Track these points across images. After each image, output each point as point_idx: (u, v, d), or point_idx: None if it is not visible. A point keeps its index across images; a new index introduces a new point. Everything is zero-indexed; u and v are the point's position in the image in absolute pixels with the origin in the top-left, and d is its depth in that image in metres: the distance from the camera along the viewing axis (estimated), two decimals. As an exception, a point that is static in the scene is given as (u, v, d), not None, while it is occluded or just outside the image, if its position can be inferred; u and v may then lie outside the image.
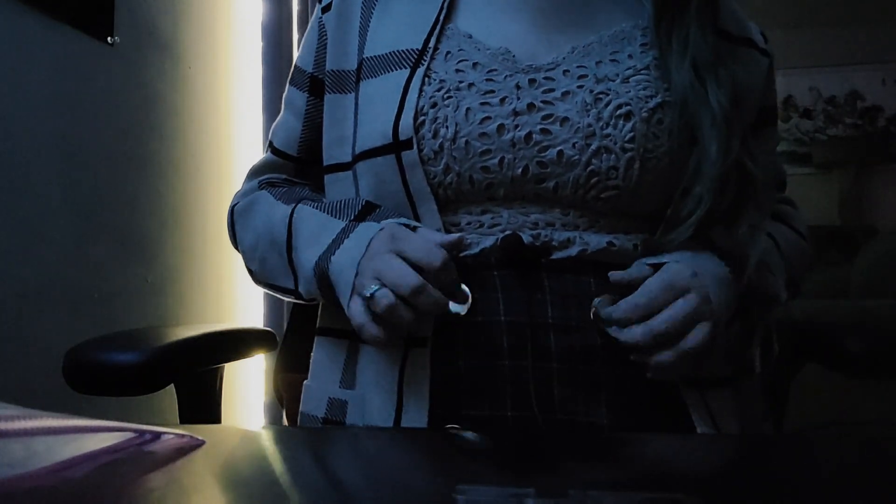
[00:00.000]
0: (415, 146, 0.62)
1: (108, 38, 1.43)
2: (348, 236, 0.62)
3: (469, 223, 0.63)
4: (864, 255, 2.29)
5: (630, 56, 0.64)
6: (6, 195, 1.17)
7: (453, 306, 0.60)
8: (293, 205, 0.70)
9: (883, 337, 0.77)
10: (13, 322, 1.16)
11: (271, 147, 0.80)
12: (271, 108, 1.88)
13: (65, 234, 1.30)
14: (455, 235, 0.59)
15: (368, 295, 0.55)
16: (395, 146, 0.63)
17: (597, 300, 0.60)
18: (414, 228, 0.61)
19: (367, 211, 0.65)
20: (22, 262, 1.19)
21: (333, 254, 0.62)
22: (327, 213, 0.67)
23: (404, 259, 0.56)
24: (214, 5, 1.85)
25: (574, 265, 0.61)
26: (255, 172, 0.81)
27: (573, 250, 0.61)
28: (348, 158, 0.70)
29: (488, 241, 0.62)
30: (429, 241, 0.58)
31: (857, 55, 3.90)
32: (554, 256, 0.61)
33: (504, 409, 0.58)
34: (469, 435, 0.51)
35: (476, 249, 0.62)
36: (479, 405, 0.59)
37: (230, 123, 1.90)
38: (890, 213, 3.85)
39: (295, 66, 0.79)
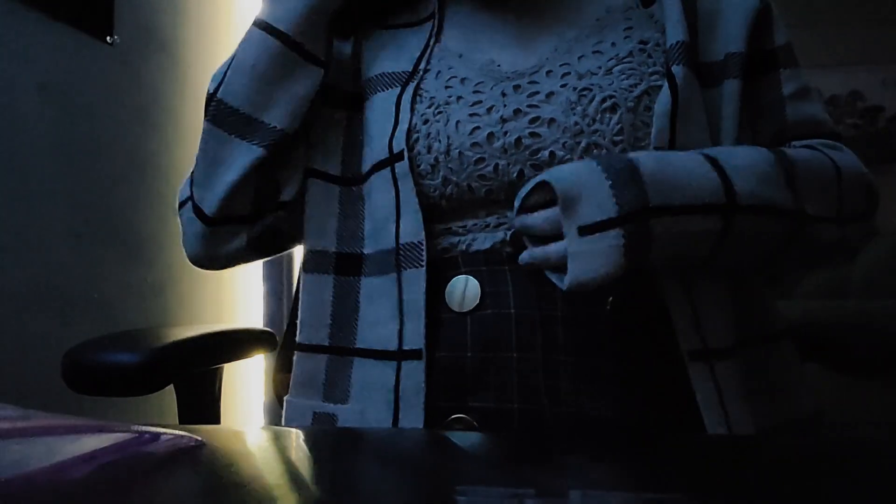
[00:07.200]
0: (405, 159, 0.64)
1: (108, 38, 1.43)
2: None
3: (475, 224, 0.65)
4: (865, 255, 2.29)
5: (613, 44, 0.64)
6: (6, 195, 1.17)
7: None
8: None
9: (883, 337, 0.77)
10: (13, 322, 1.16)
11: None
12: (271, 108, 1.87)
13: (65, 234, 1.30)
14: None
15: None
16: (391, 159, 0.65)
17: None
18: None
19: None
20: (21, 262, 1.19)
21: None
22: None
23: None
24: (214, 5, 1.85)
25: None
26: None
27: None
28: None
29: (498, 236, 0.63)
30: None
31: (857, 55, 3.90)
32: None
33: (511, 401, 0.58)
34: (469, 435, 0.51)
35: (487, 244, 0.63)
36: (485, 397, 0.59)
37: (230, 123, 1.89)
38: (890, 213, 3.83)
39: None
